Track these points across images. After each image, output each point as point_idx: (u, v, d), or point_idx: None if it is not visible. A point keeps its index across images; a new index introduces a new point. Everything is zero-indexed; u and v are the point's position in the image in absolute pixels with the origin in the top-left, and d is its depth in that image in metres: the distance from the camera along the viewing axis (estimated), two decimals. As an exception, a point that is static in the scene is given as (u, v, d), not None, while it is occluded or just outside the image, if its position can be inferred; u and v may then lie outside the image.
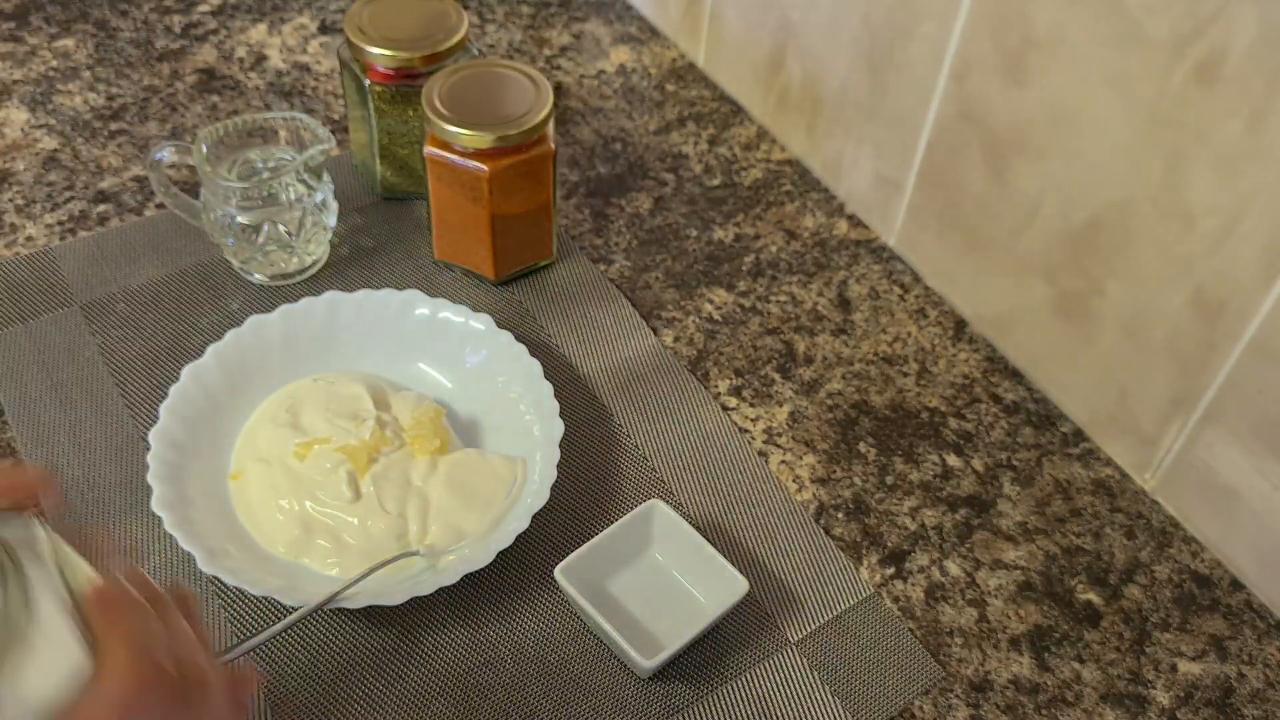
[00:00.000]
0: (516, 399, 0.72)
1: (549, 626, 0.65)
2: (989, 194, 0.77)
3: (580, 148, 0.93)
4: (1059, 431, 0.77)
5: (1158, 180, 0.66)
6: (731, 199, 0.91)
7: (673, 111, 0.98)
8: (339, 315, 0.75)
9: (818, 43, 0.87)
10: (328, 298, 0.75)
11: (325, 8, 1.04)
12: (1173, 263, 0.67)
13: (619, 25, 1.06)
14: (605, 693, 0.63)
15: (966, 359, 0.81)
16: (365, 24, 0.79)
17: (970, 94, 0.75)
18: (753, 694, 0.63)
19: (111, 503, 0.68)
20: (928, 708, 0.64)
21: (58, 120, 0.91)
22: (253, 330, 0.73)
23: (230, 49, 0.99)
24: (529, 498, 0.67)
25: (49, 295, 0.79)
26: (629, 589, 0.66)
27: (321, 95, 0.96)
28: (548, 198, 0.78)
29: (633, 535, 0.66)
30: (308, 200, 0.77)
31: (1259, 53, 0.59)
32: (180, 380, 0.70)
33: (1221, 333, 0.66)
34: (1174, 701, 0.65)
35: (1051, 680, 0.65)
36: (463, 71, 0.77)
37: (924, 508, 0.72)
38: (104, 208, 0.85)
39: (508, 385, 0.73)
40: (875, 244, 0.88)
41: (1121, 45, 0.65)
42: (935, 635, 0.67)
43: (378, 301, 0.75)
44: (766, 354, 0.80)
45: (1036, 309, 0.77)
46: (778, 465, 0.74)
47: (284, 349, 0.74)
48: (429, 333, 0.75)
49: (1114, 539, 0.72)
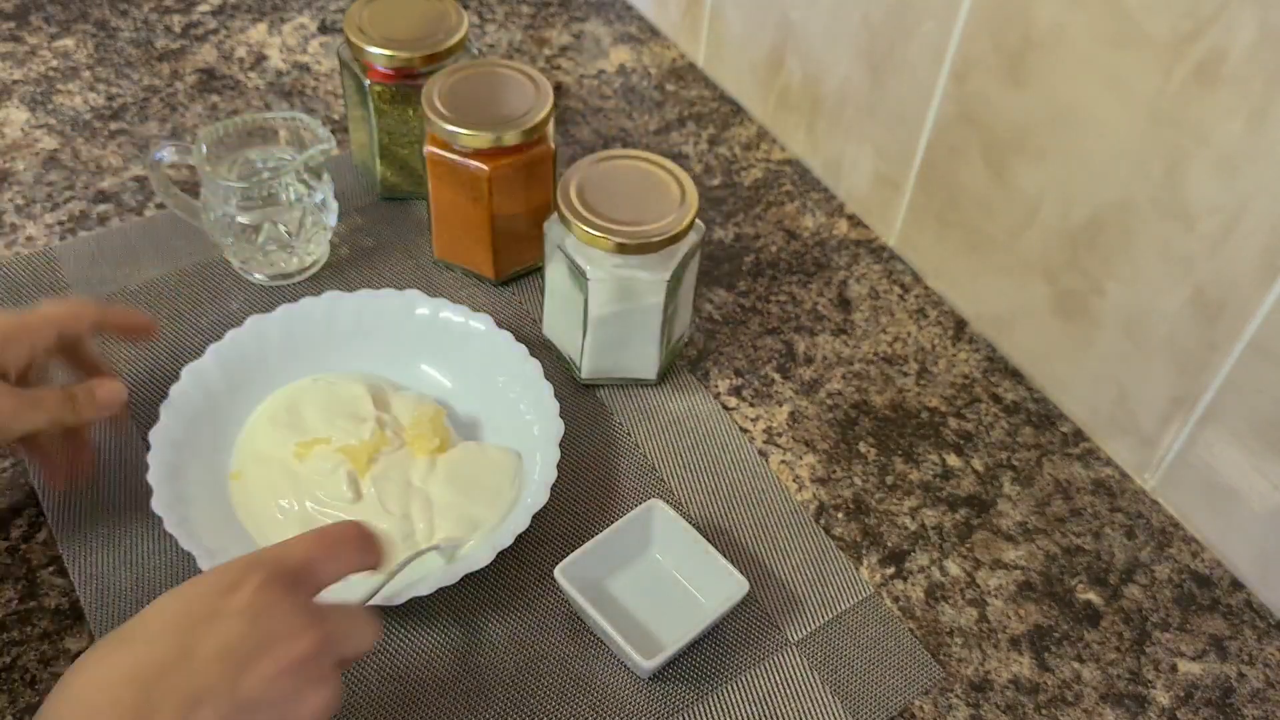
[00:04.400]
0: (516, 399, 0.72)
1: (549, 627, 0.65)
2: (989, 194, 0.77)
3: (580, 148, 0.93)
4: (1059, 431, 0.77)
5: (1158, 180, 0.66)
6: (731, 199, 0.91)
7: (673, 111, 0.98)
8: (339, 315, 0.75)
9: (818, 43, 0.87)
10: (328, 298, 0.75)
11: (325, 8, 1.04)
12: (1173, 263, 0.67)
13: (619, 25, 1.06)
14: (605, 693, 0.63)
15: (966, 359, 0.81)
16: (365, 24, 0.79)
17: (970, 94, 0.75)
18: (753, 694, 0.63)
19: (111, 502, 0.68)
20: (928, 708, 0.64)
21: (58, 120, 0.91)
22: (252, 330, 0.73)
23: (230, 49, 0.99)
24: (529, 497, 0.67)
25: (49, 295, 0.79)
26: (629, 589, 0.66)
27: (321, 95, 0.96)
28: (548, 198, 0.78)
29: (633, 535, 0.66)
30: (308, 200, 0.77)
31: (1259, 53, 0.59)
32: (180, 380, 0.70)
33: (1221, 333, 0.66)
34: (1174, 701, 0.65)
35: (1051, 680, 0.65)
36: (463, 71, 0.77)
37: (924, 508, 0.72)
38: (104, 208, 0.85)
39: (508, 385, 0.73)
40: (875, 244, 0.88)
41: (1121, 45, 0.65)
42: (935, 635, 0.67)
43: (378, 301, 0.75)
44: (766, 354, 0.80)
45: (1036, 309, 0.77)
46: (778, 465, 0.74)
47: (284, 349, 0.74)
48: (429, 332, 0.75)
49: (1114, 539, 0.72)
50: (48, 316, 0.64)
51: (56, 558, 0.66)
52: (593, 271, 0.69)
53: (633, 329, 0.73)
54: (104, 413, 0.64)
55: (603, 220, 0.68)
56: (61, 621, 0.63)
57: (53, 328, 0.63)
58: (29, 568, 0.65)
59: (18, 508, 0.68)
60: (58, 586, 0.65)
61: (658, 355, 0.74)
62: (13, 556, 0.66)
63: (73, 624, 0.63)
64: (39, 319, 0.63)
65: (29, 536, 0.67)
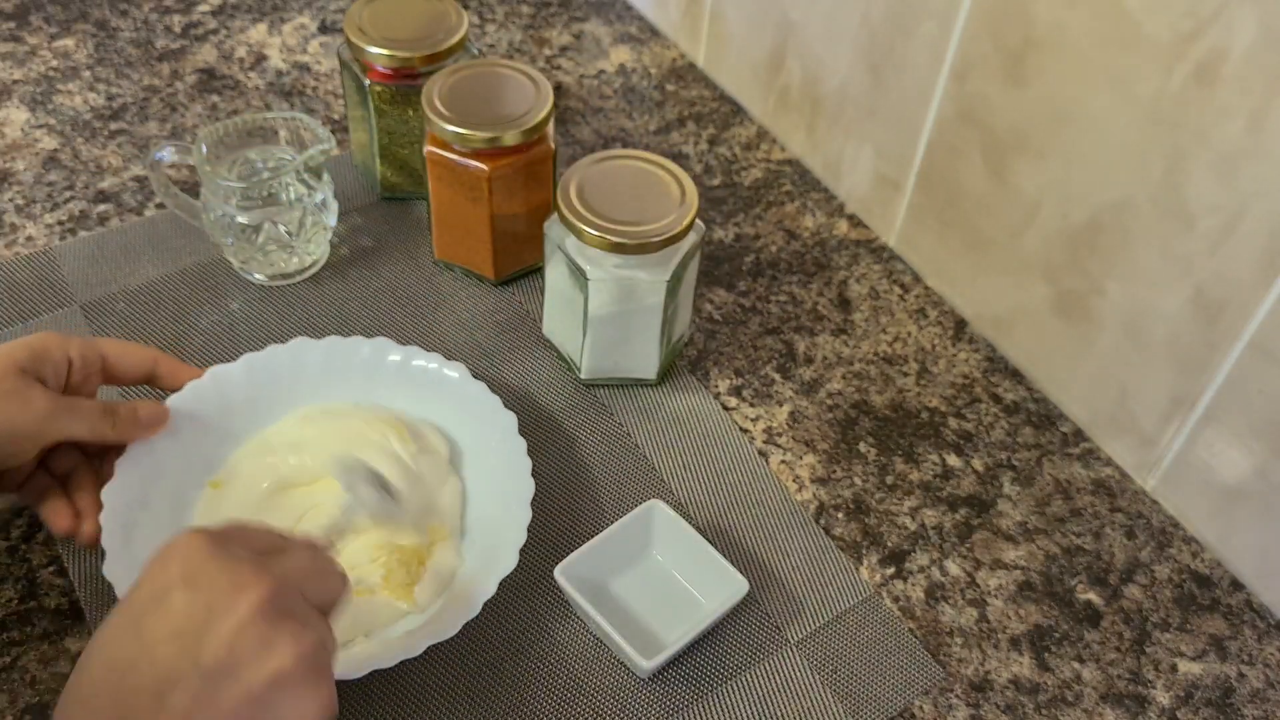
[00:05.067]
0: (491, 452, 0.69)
1: (549, 626, 0.65)
2: (989, 194, 0.77)
3: (580, 148, 0.93)
4: (1059, 431, 0.77)
5: (1158, 180, 0.66)
6: (731, 199, 0.91)
7: (673, 111, 0.98)
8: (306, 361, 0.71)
9: (818, 42, 0.87)
10: (294, 345, 0.71)
11: (325, 8, 1.04)
12: (1173, 263, 0.67)
13: (619, 25, 1.06)
14: (605, 693, 0.63)
15: (966, 359, 0.81)
16: (365, 24, 0.79)
17: (970, 94, 0.75)
18: (753, 694, 0.63)
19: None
20: (928, 708, 0.64)
21: (58, 120, 0.91)
22: (214, 382, 0.69)
23: (230, 49, 0.99)
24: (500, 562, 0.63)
25: (49, 295, 0.79)
26: (629, 589, 0.66)
27: (321, 95, 0.96)
28: (548, 198, 0.78)
29: (633, 535, 0.66)
30: (308, 200, 0.77)
31: (1259, 53, 0.59)
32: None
33: (1221, 333, 0.66)
34: (1174, 701, 0.65)
35: (1051, 680, 0.65)
36: (463, 71, 0.77)
37: (924, 508, 0.72)
38: (104, 208, 0.85)
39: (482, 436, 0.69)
40: (875, 244, 0.88)
41: (1121, 45, 0.65)
42: (935, 635, 0.67)
43: (347, 346, 0.72)
44: (766, 354, 0.80)
45: (1036, 309, 0.77)
46: (778, 465, 0.74)
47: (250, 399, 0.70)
48: (400, 379, 0.71)
49: (1114, 539, 0.72)
50: (95, 342, 0.63)
51: (56, 558, 0.66)
52: (593, 272, 0.69)
53: (633, 329, 0.73)
54: (145, 433, 0.63)
55: (603, 220, 0.68)
56: (61, 621, 0.63)
57: (95, 350, 0.63)
58: (29, 568, 0.65)
59: (18, 508, 0.68)
60: (58, 586, 0.65)
61: (658, 355, 0.74)
62: (13, 556, 0.66)
63: (73, 624, 0.63)
64: (84, 340, 0.63)
65: (29, 536, 0.67)
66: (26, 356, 0.60)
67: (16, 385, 0.58)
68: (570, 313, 0.73)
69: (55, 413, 0.59)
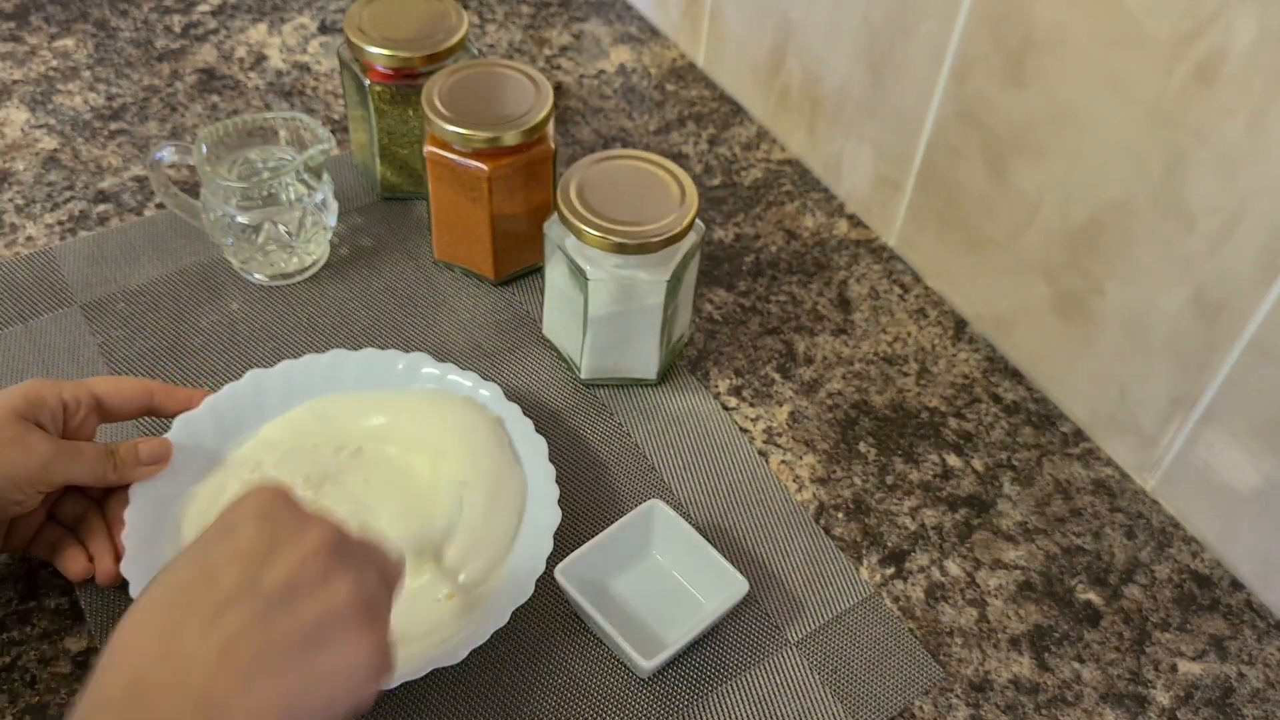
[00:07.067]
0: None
1: (549, 626, 0.65)
2: (989, 194, 0.77)
3: (580, 148, 0.93)
4: (1059, 431, 0.77)
5: (1158, 180, 0.66)
6: (731, 199, 0.91)
7: (673, 111, 0.98)
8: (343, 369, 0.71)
9: (818, 42, 0.87)
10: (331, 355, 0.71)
11: (325, 8, 1.04)
12: (1173, 263, 0.67)
13: (619, 25, 1.06)
14: (605, 693, 0.63)
15: (966, 359, 0.81)
16: (365, 24, 0.79)
17: (970, 94, 0.75)
18: (753, 694, 0.63)
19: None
20: (928, 708, 0.64)
21: (58, 120, 0.91)
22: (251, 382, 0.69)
23: (230, 49, 0.99)
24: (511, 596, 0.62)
25: (49, 295, 0.79)
26: (629, 589, 0.66)
27: (321, 95, 0.96)
28: (548, 198, 0.78)
29: (633, 535, 0.66)
30: (308, 200, 0.77)
31: (1259, 53, 0.59)
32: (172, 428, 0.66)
33: (1221, 333, 0.66)
34: (1174, 701, 0.65)
35: (1051, 680, 0.65)
36: (463, 71, 0.77)
37: (924, 508, 0.72)
38: (104, 208, 0.85)
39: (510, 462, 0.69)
40: (875, 244, 0.88)
41: (1121, 45, 0.65)
42: (935, 635, 0.67)
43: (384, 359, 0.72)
44: (766, 354, 0.80)
45: (1036, 309, 0.77)
46: (778, 465, 0.74)
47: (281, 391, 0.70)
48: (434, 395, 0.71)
49: (1114, 539, 0.72)
50: (86, 383, 0.63)
51: (56, 558, 0.66)
52: (593, 272, 0.69)
53: (633, 329, 0.73)
54: (148, 472, 0.63)
55: (602, 220, 0.68)
56: (61, 621, 0.63)
57: (87, 391, 0.62)
58: (29, 568, 0.65)
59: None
60: (58, 586, 0.65)
61: (658, 355, 0.74)
62: (13, 556, 0.66)
63: (73, 624, 0.63)
64: (75, 383, 0.62)
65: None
66: (23, 403, 0.59)
67: (16, 432, 0.58)
68: (570, 313, 0.73)
69: (57, 457, 0.59)
